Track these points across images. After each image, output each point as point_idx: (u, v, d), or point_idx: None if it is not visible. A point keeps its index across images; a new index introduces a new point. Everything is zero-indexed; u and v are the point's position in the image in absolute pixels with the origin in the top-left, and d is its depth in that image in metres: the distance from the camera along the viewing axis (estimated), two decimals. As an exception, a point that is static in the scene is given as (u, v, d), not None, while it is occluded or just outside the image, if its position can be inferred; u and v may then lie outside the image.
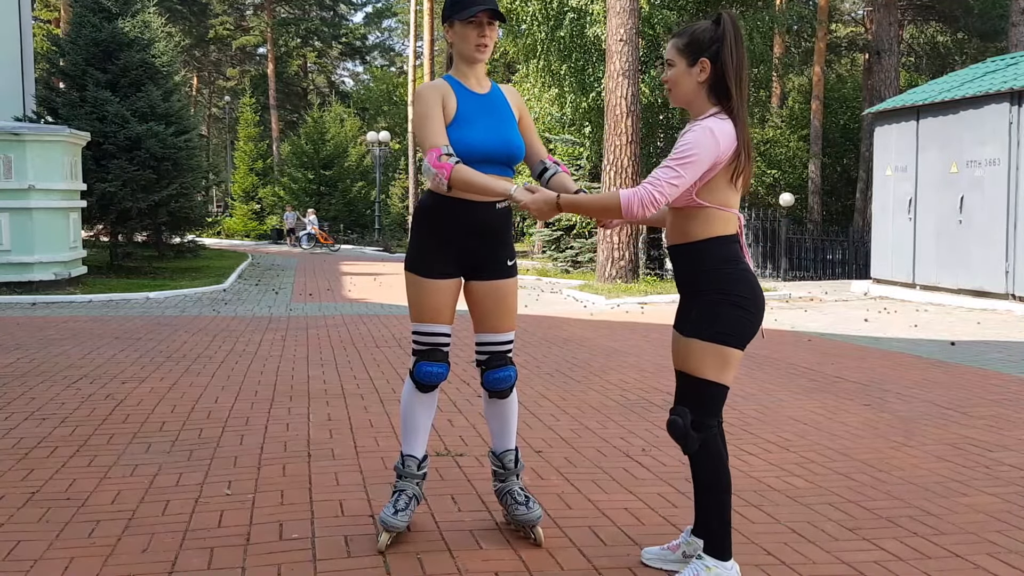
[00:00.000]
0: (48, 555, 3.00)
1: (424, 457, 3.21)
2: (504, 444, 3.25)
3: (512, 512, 3.19)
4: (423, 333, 3.15)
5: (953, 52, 34.19)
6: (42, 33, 32.93)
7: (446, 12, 3.05)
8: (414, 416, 3.18)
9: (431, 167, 2.89)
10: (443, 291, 3.13)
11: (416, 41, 37.90)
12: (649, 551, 3.04)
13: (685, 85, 2.70)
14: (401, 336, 8.61)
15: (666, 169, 2.59)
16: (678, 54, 2.70)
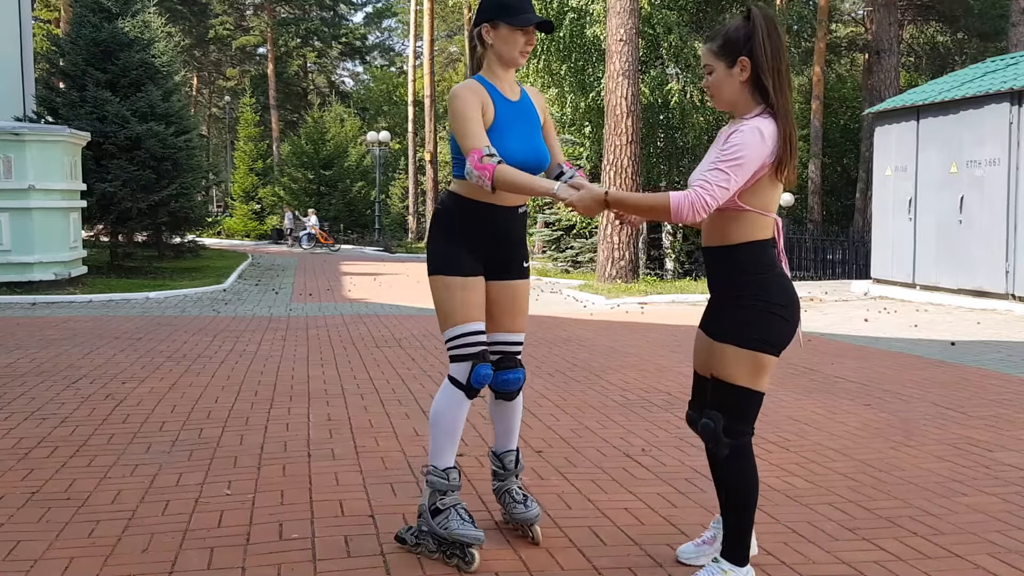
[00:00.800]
0: (48, 555, 3.00)
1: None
2: (506, 444, 3.22)
3: (510, 511, 3.19)
4: (468, 334, 2.96)
5: (953, 52, 34.19)
6: (42, 33, 32.93)
7: (491, 12, 2.96)
8: (458, 425, 3.00)
9: (473, 170, 2.79)
10: (477, 288, 3.01)
11: (416, 41, 37.91)
12: (685, 550, 3.02)
13: (728, 87, 2.65)
14: (401, 336, 8.61)
15: (716, 172, 2.53)
16: (715, 58, 2.65)
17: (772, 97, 2.59)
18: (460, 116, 2.90)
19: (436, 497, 2.98)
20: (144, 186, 15.86)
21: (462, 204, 3.01)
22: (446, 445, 3.00)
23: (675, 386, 6.14)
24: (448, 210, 3.04)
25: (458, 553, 2.92)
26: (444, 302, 3.00)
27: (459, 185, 3.02)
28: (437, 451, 3.01)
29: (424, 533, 3.02)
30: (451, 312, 2.98)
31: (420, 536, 3.03)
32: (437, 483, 2.98)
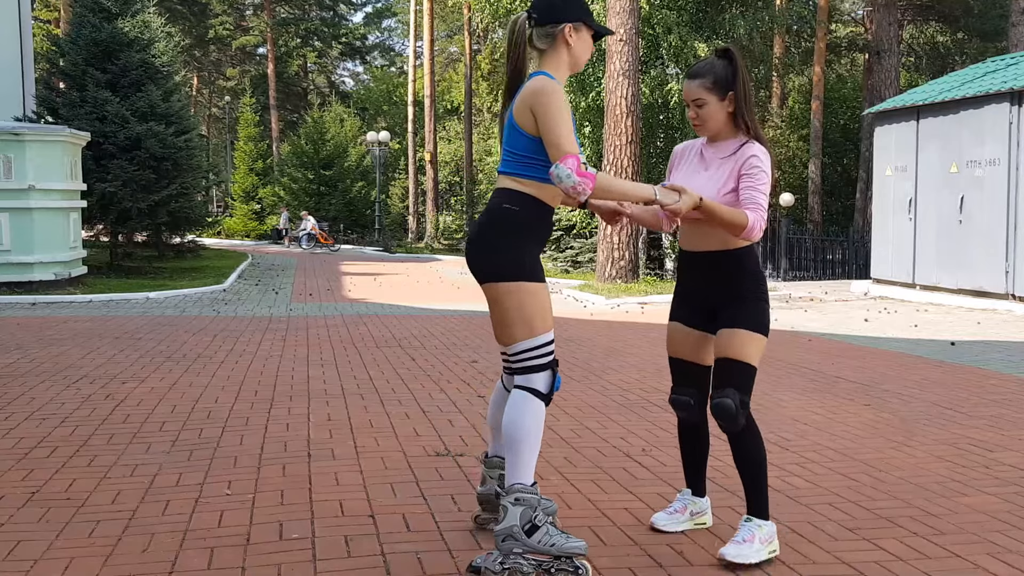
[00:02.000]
0: (48, 555, 3.00)
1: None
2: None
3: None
4: (551, 342, 2.89)
5: (953, 52, 34.18)
6: (42, 33, 32.94)
7: (579, 13, 2.93)
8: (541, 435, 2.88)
9: (574, 175, 2.69)
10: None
11: (416, 41, 37.91)
12: (659, 517, 3.31)
13: (719, 117, 3.07)
14: (401, 336, 8.61)
15: (759, 195, 2.99)
16: (708, 92, 3.04)
17: (753, 125, 3.09)
18: (558, 114, 2.78)
19: (530, 514, 2.79)
20: (144, 186, 15.86)
21: (538, 207, 2.91)
22: (532, 460, 2.86)
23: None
24: (523, 214, 2.89)
25: (566, 568, 2.80)
26: (529, 309, 2.84)
27: (531, 187, 2.89)
28: (525, 468, 2.84)
29: (516, 555, 2.79)
30: (539, 320, 2.85)
31: (509, 560, 2.79)
32: (531, 500, 2.81)
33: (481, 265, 2.91)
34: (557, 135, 2.76)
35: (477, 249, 2.93)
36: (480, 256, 2.91)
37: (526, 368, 2.87)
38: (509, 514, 2.79)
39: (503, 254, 2.88)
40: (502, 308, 2.87)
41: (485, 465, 3.23)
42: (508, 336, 2.88)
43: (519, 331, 2.86)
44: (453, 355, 7.43)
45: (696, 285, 3.16)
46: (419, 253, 29.25)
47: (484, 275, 2.90)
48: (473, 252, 2.94)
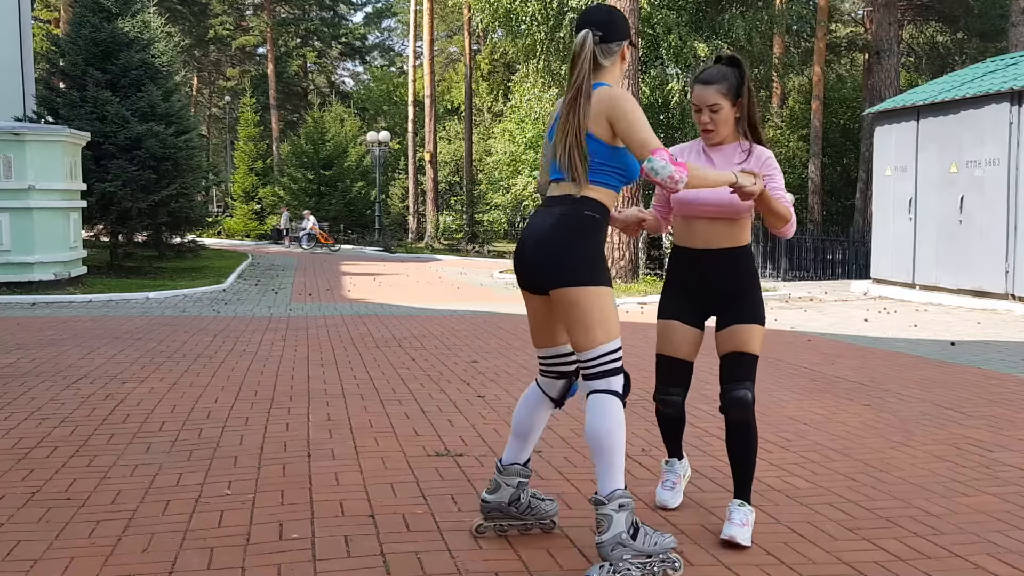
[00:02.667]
0: (48, 555, 3.00)
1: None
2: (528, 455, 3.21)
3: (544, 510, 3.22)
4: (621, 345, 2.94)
5: (953, 52, 34.19)
6: (42, 33, 32.92)
7: (629, 30, 3.07)
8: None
9: (669, 165, 2.75)
10: None
11: (416, 41, 37.91)
12: (664, 496, 3.54)
13: (730, 123, 3.23)
14: (401, 336, 8.61)
15: (786, 193, 3.22)
16: (724, 98, 3.19)
17: (760, 130, 3.29)
18: (638, 115, 2.86)
19: (632, 517, 2.83)
20: (144, 186, 15.85)
21: (605, 213, 2.97)
22: (623, 463, 2.86)
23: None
24: (600, 220, 2.94)
25: (665, 564, 2.86)
26: (608, 312, 2.87)
27: (602, 194, 2.94)
28: (619, 472, 2.83)
29: (626, 561, 2.79)
30: (613, 323, 2.87)
31: (621, 568, 2.78)
32: (631, 504, 2.84)
33: (562, 271, 2.86)
34: (643, 134, 2.82)
35: (556, 254, 2.88)
36: (562, 261, 2.87)
37: (605, 372, 2.87)
38: (614, 522, 2.78)
39: (587, 259, 2.88)
40: (585, 312, 2.85)
41: (503, 473, 3.15)
42: (589, 340, 2.86)
43: (600, 335, 2.86)
44: (453, 355, 7.43)
45: (699, 283, 3.27)
46: (419, 253, 29.25)
47: (565, 280, 2.85)
48: (550, 257, 2.89)
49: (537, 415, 3.14)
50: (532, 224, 2.98)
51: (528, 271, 2.96)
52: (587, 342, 2.87)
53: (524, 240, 2.98)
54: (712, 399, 5.67)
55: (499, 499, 3.16)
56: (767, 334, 9.10)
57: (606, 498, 2.80)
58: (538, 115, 20.28)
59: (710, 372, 6.43)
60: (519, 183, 26.83)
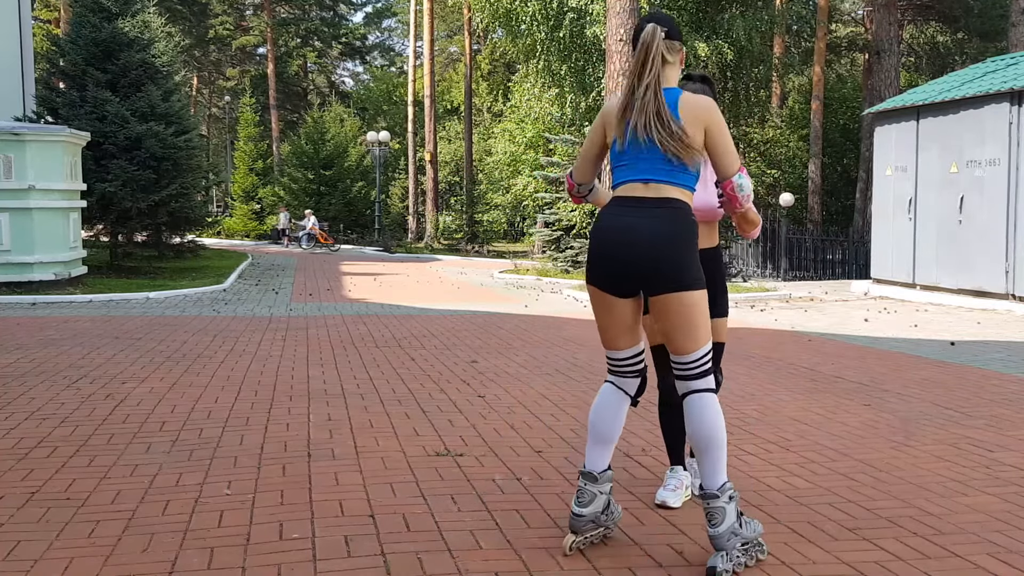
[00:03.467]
0: (48, 555, 3.00)
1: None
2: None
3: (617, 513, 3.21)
4: None
5: (953, 52, 34.19)
6: (42, 33, 32.93)
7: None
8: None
9: (748, 182, 2.99)
10: None
11: (416, 41, 37.91)
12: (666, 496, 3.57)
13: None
14: (401, 336, 8.61)
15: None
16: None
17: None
18: (726, 128, 2.97)
19: (737, 507, 2.91)
20: (144, 186, 15.85)
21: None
22: (725, 455, 2.96)
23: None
24: (696, 224, 3.00)
25: (757, 546, 3.00)
26: (708, 315, 2.96)
27: (687, 196, 2.97)
28: (724, 464, 2.93)
29: (737, 549, 2.88)
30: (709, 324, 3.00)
31: (732, 556, 2.87)
32: (736, 493, 2.93)
33: (682, 275, 2.86)
34: (733, 149, 2.97)
35: (677, 259, 2.86)
36: (682, 266, 2.87)
37: (705, 371, 2.95)
38: (728, 513, 2.86)
39: (696, 264, 2.92)
40: (697, 315, 2.90)
41: (598, 481, 3.06)
42: (695, 342, 2.92)
43: (703, 336, 2.93)
44: (453, 355, 7.43)
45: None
46: (419, 253, 29.24)
47: (685, 285, 2.87)
48: (670, 261, 2.86)
49: (620, 416, 3.11)
50: (633, 225, 2.89)
51: (635, 273, 2.89)
52: (692, 344, 2.92)
53: (627, 235, 2.89)
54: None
55: (595, 510, 3.06)
56: (767, 334, 9.13)
57: (718, 491, 2.88)
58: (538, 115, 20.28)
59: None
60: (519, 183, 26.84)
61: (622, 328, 3.02)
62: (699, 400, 2.93)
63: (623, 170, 3.00)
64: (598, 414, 3.09)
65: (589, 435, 3.10)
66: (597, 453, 3.08)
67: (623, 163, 3.00)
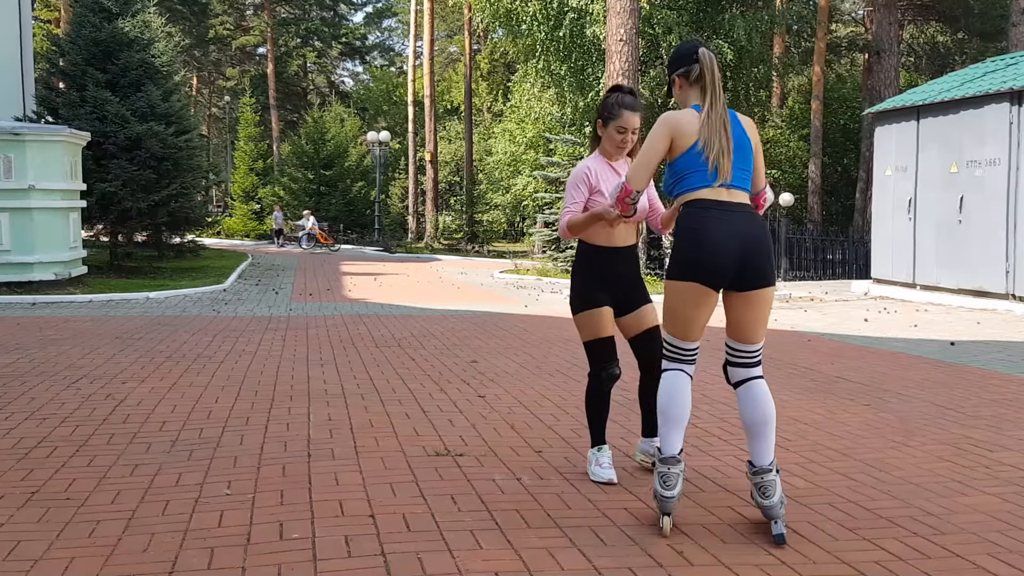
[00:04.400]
0: (48, 555, 3.00)
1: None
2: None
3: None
4: None
5: (953, 52, 34.20)
6: (42, 33, 32.93)
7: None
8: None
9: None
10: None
11: (416, 41, 37.91)
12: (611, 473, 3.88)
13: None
14: (401, 336, 8.61)
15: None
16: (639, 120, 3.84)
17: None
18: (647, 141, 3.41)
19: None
20: (144, 186, 15.85)
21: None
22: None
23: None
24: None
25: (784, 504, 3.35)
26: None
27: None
28: (774, 442, 3.30)
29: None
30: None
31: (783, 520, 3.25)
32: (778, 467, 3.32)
33: (769, 273, 3.25)
34: (641, 160, 3.40)
35: (770, 257, 3.26)
36: (770, 265, 3.27)
37: (760, 360, 3.33)
38: (777, 485, 3.23)
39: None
40: (767, 310, 3.30)
41: (678, 462, 3.26)
42: (761, 335, 3.32)
43: (765, 329, 3.34)
44: (453, 355, 7.43)
45: (622, 274, 3.87)
46: (419, 253, 29.24)
47: (769, 281, 3.25)
48: (768, 259, 3.25)
49: (690, 398, 3.37)
50: (745, 226, 3.21)
51: (747, 268, 3.19)
52: (762, 335, 3.32)
53: (739, 238, 3.18)
54: (712, 399, 5.68)
55: (680, 490, 3.28)
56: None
57: (769, 466, 3.22)
58: (538, 115, 20.27)
59: (711, 373, 6.42)
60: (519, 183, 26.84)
61: (705, 319, 3.32)
62: (762, 385, 3.28)
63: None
64: (673, 399, 3.31)
65: (664, 422, 3.31)
66: (675, 436, 3.29)
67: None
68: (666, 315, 3.40)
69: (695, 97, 3.36)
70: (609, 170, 3.83)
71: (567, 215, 3.80)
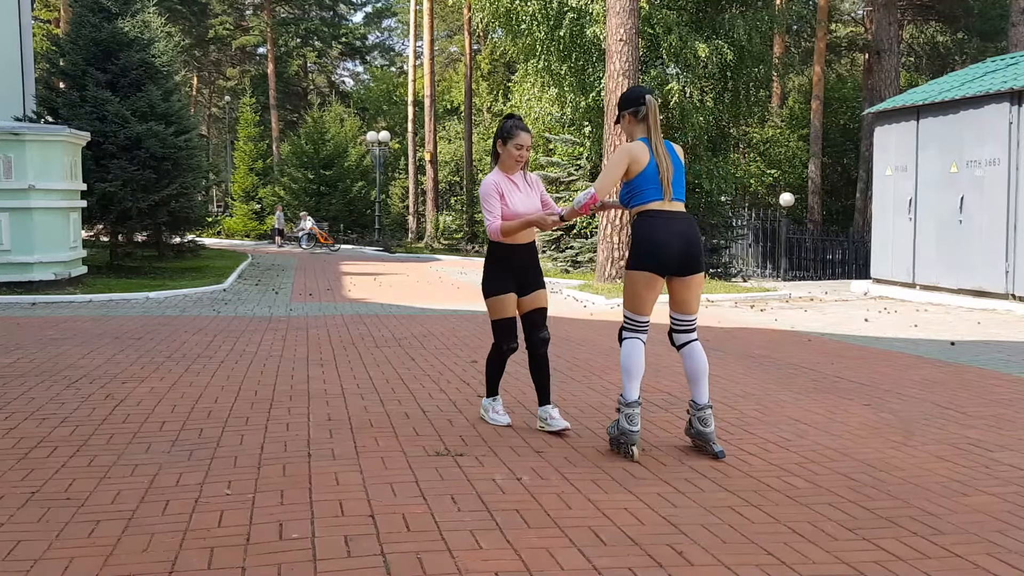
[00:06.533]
0: (48, 555, 3.00)
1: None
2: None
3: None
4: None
5: (953, 52, 34.20)
6: (42, 33, 32.94)
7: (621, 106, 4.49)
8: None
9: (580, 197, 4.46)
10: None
11: (416, 41, 37.90)
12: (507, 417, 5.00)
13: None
14: (401, 336, 8.61)
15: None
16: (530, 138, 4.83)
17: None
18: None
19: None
20: (144, 186, 15.85)
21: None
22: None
23: (675, 386, 6.14)
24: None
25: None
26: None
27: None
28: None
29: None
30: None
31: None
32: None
33: (701, 262, 4.31)
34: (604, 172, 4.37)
35: (701, 252, 4.32)
36: (702, 256, 4.34)
37: (696, 327, 4.38)
38: (712, 416, 4.36)
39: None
40: (699, 290, 4.35)
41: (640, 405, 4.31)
42: (695, 308, 4.36)
43: (698, 304, 4.38)
44: (453, 355, 7.43)
45: (524, 264, 4.75)
46: (419, 253, 29.24)
47: (701, 268, 4.31)
48: (700, 254, 4.31)
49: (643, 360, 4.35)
50: (687, 228, 4.27)
51: (689, 260, 4.24)
52: (696, 308, 4.37)
53: (681, 237, 4.22)
54: (713, 399, 5.68)
55: (640, 426, 4.36)
56: (767, 334, 9.13)
57: (708, 403, 4.33)
58: (538, 115, 20.26)
59: (712, 373, 6.42)
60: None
61: (655, 299, 4.30)
62: (696, 346, 4.34)
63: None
64: (632, 359, 4.30)
65: (626, 377, 4.29)
66: (634, 387, 4.28)
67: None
68: (625, 296, 4.36)
69: (641, 131, 4.37)
70: (508, 182, 4.71)
71: (496, 221, 4.61)
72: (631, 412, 4.25)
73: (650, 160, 4.25)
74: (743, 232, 22.04)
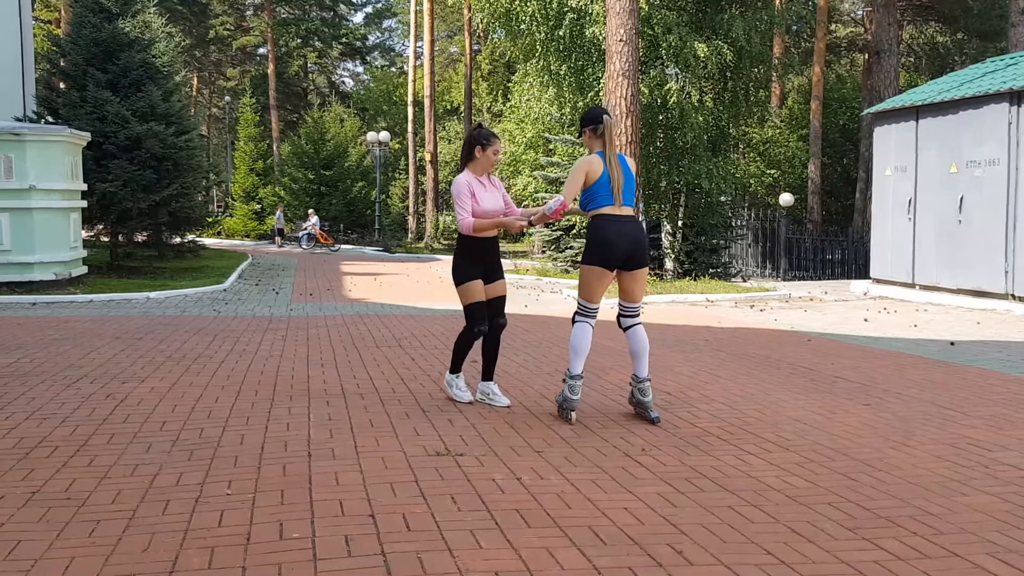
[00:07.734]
0: (48, 555, 3.00)
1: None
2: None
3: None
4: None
5: (953, 52, 34.20)
6: (42, 33, 32.95)
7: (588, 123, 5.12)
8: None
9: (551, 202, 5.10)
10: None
11: (416, 41, 37.90)
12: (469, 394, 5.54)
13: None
14: (401, 336, 8.61)
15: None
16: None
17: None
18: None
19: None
20: (144, 186, 15.84)
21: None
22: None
23: (674, 386, 6.14)
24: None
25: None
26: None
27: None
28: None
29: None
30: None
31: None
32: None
33: (646, 259, 5.01)
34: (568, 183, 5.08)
35: (646, 251, 5.02)
36: (647, 253, 5.02)
37: (639, 313, 5.10)
38: (650, 387, 5.13)
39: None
40: (644, 282, 5.07)
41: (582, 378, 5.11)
42: (640, 297, 5.09)
43: (643, 294, 5.09)
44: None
45: (488, 256, 5.32)
46: (419, 253, 29.24)
47: (645, 263, 5.01)
48: (645, 252, 5.00)
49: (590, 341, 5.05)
50: (633, 230, 4.95)
51: (634, 256, 4.93)
52: (640, 297, 5.10)
53: (627, 237, 4.90)
54: (712, 399, 5.68)
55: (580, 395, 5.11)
56: (767, 334, 9.13)
57: (647, 377, 5.08)
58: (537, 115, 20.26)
59: (713, 374, 6.43)
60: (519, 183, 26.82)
61: (604, 288, 5.01)
62: (640, 329, 5.07)
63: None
64: (580, 340, 5.00)
65: (574, 354, 4.99)
66: (580, 363, 5.01)
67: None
68: (580, 286, 5.05)
69: (598, 145, 5.03)
70: (477, 183, 5.25)
71: (469, 217, 5.15)
72: (573, 384, 4.99)
73: (603, 171, 4.93)
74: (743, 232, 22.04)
